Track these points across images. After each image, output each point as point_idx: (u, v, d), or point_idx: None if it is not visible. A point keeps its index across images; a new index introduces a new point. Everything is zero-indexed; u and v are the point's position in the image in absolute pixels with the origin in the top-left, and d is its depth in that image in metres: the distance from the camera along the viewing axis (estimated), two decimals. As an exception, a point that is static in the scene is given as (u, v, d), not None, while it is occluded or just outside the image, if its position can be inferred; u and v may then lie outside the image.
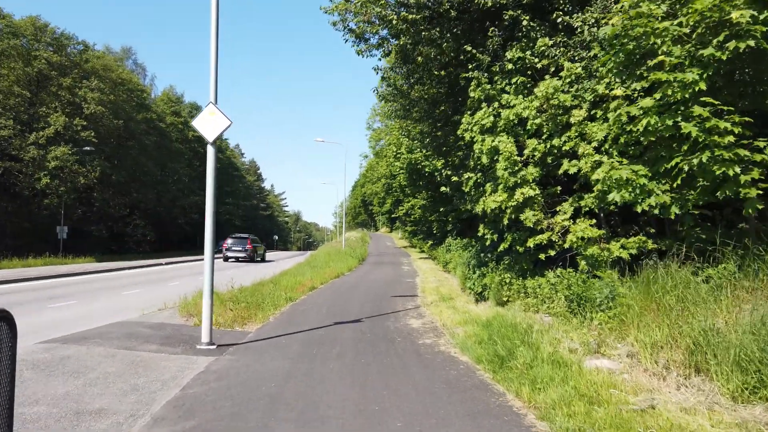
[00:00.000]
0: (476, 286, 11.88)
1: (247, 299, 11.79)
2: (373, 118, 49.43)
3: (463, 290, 15.02)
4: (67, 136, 37.25)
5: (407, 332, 8.74)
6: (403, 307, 12.15)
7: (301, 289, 15.63)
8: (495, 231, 10.04)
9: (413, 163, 23.81)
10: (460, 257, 21.41)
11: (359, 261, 30.82)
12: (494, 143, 8.58)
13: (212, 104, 7.74)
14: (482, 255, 12.10)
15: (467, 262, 13.21)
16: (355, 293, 15.25)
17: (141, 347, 7.29)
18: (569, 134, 8.18)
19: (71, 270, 22.49)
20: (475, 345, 7.09)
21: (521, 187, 8.37)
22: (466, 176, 10.05)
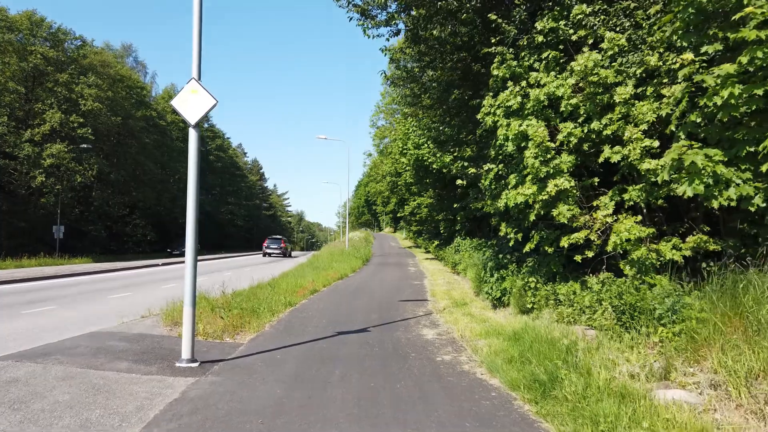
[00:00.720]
0: (494, 290, 10.72)
1: (242, 305, 10.68)
2: (377, 115, 48.30)
3: (477, 294, 13.86)
4: (64, 133, 36.28)
5: (421, 345, 7.59)
6: (413, 313, 11.00)
7: (302, 292, 14.51)
8: (518, 229, 8.87)
9: (420, 159, 22.67)
10: (470, 258, 20.25)
11: (363, 262, 29.69)
12: (522, 128, 7.42)
13: (194, 80, 6.62)
14: (501, 256, 10.94)
15: (483, 264, 12.06)
16: (360, 297, 14.12)
17: (109, 366, 6.17)
18: (611, 116, 7.02)
19: (59, 271, 21.45)
20: (504, 364, 5.94)
21: (554, 178, 7.20)
22: (486, 167, 8.90)
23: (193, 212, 6.63)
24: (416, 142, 23.00)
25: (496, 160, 8.95)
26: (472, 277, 16.83)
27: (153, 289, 16.11)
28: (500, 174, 8.88)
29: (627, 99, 6.68)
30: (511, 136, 7.58)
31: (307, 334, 8.69)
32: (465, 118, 10.93)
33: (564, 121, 7.48)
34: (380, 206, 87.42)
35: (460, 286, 17.08)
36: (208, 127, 73.58)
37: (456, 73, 10.00)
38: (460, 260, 21.41)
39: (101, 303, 12.85)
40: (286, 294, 13.62)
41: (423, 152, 22.54)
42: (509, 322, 8.75)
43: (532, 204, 7.69)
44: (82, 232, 41.93)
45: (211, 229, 70.90)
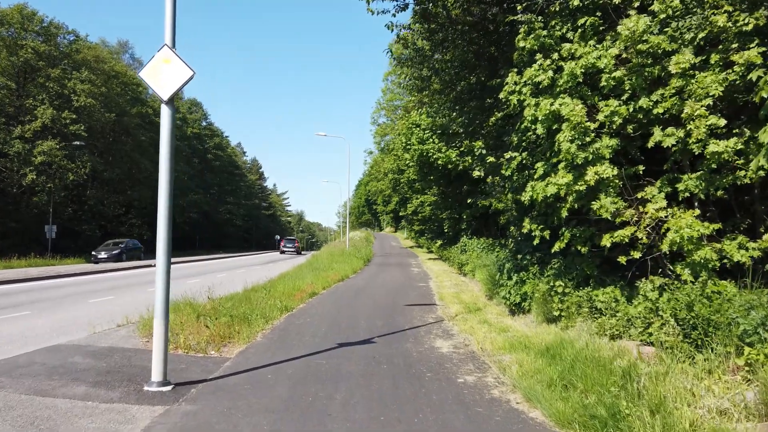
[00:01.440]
0: (513, 295, 9.63)
1: (232, 311, 9.58)
2: (378, 112, 47.20)
3: (490, 298, 12.76)
4: (55, 130, 35.22)
5: (437, 361, 6.49)
6: (423, 320, 9.91)
7: (300, 296, 13.42)
8: (545, 226, 7.78)
9: (425, 155, 21.59)
10: (478, 258, 19.17)
11: (364, 262, 28.60)
12: (554, 107, 6.33)
13: (167, 48, 5.53)
14: (520, 257, 9.85)
15: (498, 266, 10.96)
16: (362, 301, 13.02)
17: (62, 390, 5.08)
18: (663, 91, 5.93)
19: (46, 273, 20.35)
20: (544, 389, 4.85)
21: (594, 165, 6.11)
22: (508, 156, 7.80)
23: (166, 206, 5.55)
24: (420, 137, 21.94)
25: (519, 148, 7.86)
26: (482, 279, 15.74)
27: (140, 292, 15.01)
28: (524, 163, 7.79)
29: (686, 69, 5.59)
30: (540, 117, 6.49)
31: (303, 345, 7.60)
32: (478, 106, 9.83)
33: (604, 99, 6.38)
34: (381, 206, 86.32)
35: (469, 288, 15.98)
36: (206, 125, 72.52)
37: (470, 51, 8.90)
38: (467, 261, 20.33)
39: (80, 308, 11.76)
40: (282, 298, 12.55)
41: (428, 147, 21.47)
42: (536, 333, 7.65)
43: (564, 196, 6.60)
44: (75, 232, 40.85)
45: (208, 228, 69.76)
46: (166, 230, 5.49)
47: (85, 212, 41.55)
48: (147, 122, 48.40)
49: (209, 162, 68.96)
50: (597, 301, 6.85)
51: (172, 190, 5.57)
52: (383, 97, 46.49)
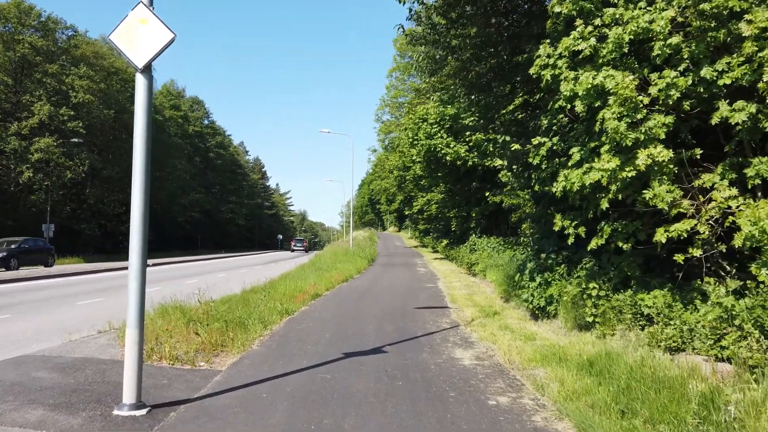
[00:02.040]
0: (536, 298, 8.72)
1: (227, 315, 8.71)
2: (382, 109, 46.28)
3: (506, 300, 11.85)
4: (53, 127, 34.48)
5: (460, 377, 5.59)
6: (437, 325, 9.01)
7: (302, 297, 12.54)
8: (579, 221, 6.87)
9: (432, 150, 20.69)
10: (490, 258, 18.27)
11: (368, 262, 27.72)
12: (597, 80, 5.42)
13: (143, 5, 4.65)
14: (544, 256, 8.93)
15: (519, 265, 10.05)
16: (369, 304, 12.13)
17: (12, 416, 4.21)
18: (730, 59, 5.02)
19: (37, 272, 19.53)
20: (601, 417, 3.94)
21: (647, 147, 5.20)
22: (536, 141, 6.89)
23: (142, 197, 4.68)
24: (428, 132, 21.03)
25: (549, 132, 6.95)
26: (495, 279, 14.84)
27: (132, 294, 14.14)
28: (554, 150, 6.88)
29: (763, 30, 4.68)
30: (580, 92, 5.57)
31: (305, 355, 6.72)
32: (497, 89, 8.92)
33: (656, 71, 5.46)
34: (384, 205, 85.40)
35: (482, 289, 15.07)
36: (208, 123, 71.80)
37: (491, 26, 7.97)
38: (476, 260, 19.43)
39: (65, 311, 10.91)
40: (283, 300, 11.68)
41: (436, 142, 20.56)
42: (569, 342, 6.74)
43: (606, 185, 5.68)
44: (74, 231, 40.15)
45: (210, 228, 69.04)
46: (141, 225, 4.61)
47: (84, 211, 40.84)
48: (147, 120, 47.67)
49: (211, 161, 68.25)
50: (643, 306, 5.94)
51: (149, 176, 4.69)
52: (387, 94, 45.63)
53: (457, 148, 20.03)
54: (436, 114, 20.76)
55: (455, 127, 20.72)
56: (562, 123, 6.76)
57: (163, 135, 51.34)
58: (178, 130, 59.37)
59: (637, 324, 6.06)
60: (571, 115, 6.67)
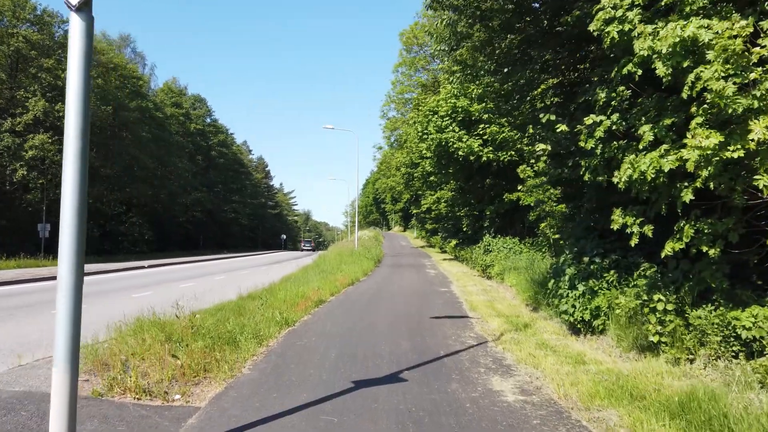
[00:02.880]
0: (578, 309, 7.40)
1: (216, 329, 7.45)
2: (387, 105, 44.89)
3: (534, 309, 10.52)
4: (48, 123, 33.37)
5: (507, 422, 4.29)
6: (460, 341, 7.71)
7: (304, 305, 11.28)
8: (645, 218, 5.55)
9: (443, 144, 19.37)
10: (506, 259, 16.95)
11: (375, 263, 26.44)
12: (688, 32, 4.10)
13: None
14: (587, 259, 7.61)
15: (554, 269, 8.71)
16: (379, 312, 10.85)
17: None
18: None
19: (22, 275, 18.37)
20: None
21: (758, 117, 3.88)
22: (590, 120, 5.58)
23: (77, 178, 3.37)
24: (438, 125, 19.70)
25: (607, 108, 5.63)
26: (516, 284, 13.53)
27: (116, 300, 12.93)
28: (614, 130, 5.55)
29: None
30: (664, 49, 4.26)
31: (306, 384, 5.45)
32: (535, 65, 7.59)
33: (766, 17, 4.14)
34: (389, 204, 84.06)
35: (501, 295, 13.74)
36: (211, 122, 70.68)
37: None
38: (492, 262, 18.11)
39: (32, 321, 9.68)
40: (282, 308, 10.43)
41: (447, 136, 19.23)
42: (635, 370, 5.42)
43: (694, 171, 4.37)
44: (72, 231, 39.06)
45: (213, 228, 67.89)
46: (75, 221, 3.33)
47: (82, 210, 39.69)
48: (148, 117, 46.61)
49: (213, 159, 67.15)
50: (739, 327, 4.61)
51: (86, 151, 3.39)
52: (393, 90, 44.25)
53: (470, 142, 18.70)
54: (447, 106, 19.44)
55: (468, 120, 19.38)
56: (623, 97, 5.45)
57: (165, 133, 50.25)
58: (180, 128, 58.30)
59: (729, 350, 4.73)
60: (636, 87, 5.34)
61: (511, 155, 18.47)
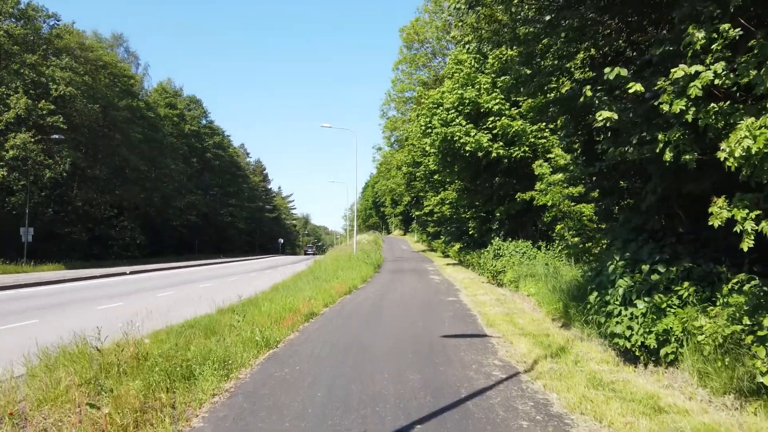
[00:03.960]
0: (637, 332, 5.72)
1: (170, 359, 5.78)
2: (387, 104, 43.27)
3: (563, 325, 8.84)
4: (31, 122, 31.72)
5: None
6: (484, 371, 6.04)
7: (291, 320, 9.61)
8: (761, 210, 3.88)
9: (449, 139, 17.73)
10: (521, 265, 15.28)
11: (374, 268, 24.77)
12: None
13: None
14: (646, 267, 5.93)
15: (598, 279, 7.00)
16: (379, 329, 9.17)
17: None
18: None
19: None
20: None
21: None
22: (680, 73, 3.87)
23: None
24: (444, 118, 18.06)
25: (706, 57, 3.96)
26: (535, 293, 11.87)
27: (76, 313, 11.24)
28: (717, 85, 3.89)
29: None
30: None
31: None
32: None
33: None
34: (389, 207, 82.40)
35: (518, 306, 12.05)
36: (206, 123, 69.07)
37: None
38: (503, 268, 16.42)
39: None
40: (265, 324, 8.78)
41: (453, 130, 17.57)
42: (749, 429, 3.73)
43: None
44: (58, 236, 37.31)
45: (209, 232, 66.11)
46: None
47: (69, 214, 38.00)
48: (139, 117, 45.02)
49: (209, 161, 65.50)
50: None
51: None
52: (393, 88, 42.65)
53: (479, 136, 17.04)
54: (453, 97, 17.82)
55: (476, 113, 17.73)
56: (730, 38, 3.82)
57: (157, 134, 48.62)
58: (174, 130, 56.69)
59: None
60: (748, 23, 3.69)
61: (524, 151, 16.82)
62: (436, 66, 40.51)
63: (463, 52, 18.55)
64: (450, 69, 18.98)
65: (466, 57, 18.26)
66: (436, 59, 41.18)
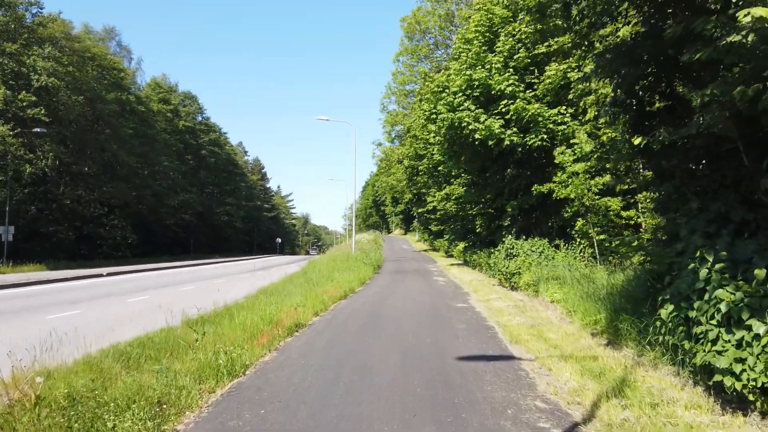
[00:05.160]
0: (754, 367, 3.88)
1: (77, 405, 3.98)
2: (388, 97, 41.45)
3: (610, 343, 7.01)
4: (10, 113, 29.92)
5: None
6: (524, 420, 4.25)
7: (270, 334, 7.81)
8: None
9: (457, 125, 15.92)
10: (540, 266, 13.47)
11: (374, 269, 22.98)
12: None
13: None
14: (763, 275, 4.09)
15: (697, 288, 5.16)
16: (378, 346, 7.37)
17: None
18: None
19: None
20: None
21: None
22: None
23: None
24: (450, 102, 16.24)
25: None
26: (562, 300, 10.05)
27: (27, 321, 9.43)
28: None
29: None
30: None
31: None
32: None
33: None
34: (389, 206, 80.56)
35: (543, 315, 10.23)
36: (202, 120, 67.27)
37: None
38: (517, 269, 14.60)
39: None
40: (237, 340, 7.01)
41: (461, 116, 15.75)
42: None
43: None
44: (43, 235, 35.50)
45: (205, 231, 64.26)
46: None
47: (54, 211, 36.18)
48: (128, 110, 43.21)
49: (204, 158, 63.71)
50: None
51: None
52: (394, 81, 40.79)
53: (490, 122, 15.21)
54: (460, 80, 15.99)
55: (487, 96, 15.89)
56: None
57: (150, 129, 46.84)
58: (168, 126, 54.90)
59: None
60: None
61: (541, 139, 14.99)
62: (439, 57, 38.71)
63: (471, 30, 16.72)
64: (456, 50, 17.14)
65: (474, 35, 16.42)
66: (438, 50, 39.38)
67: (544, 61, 15.75)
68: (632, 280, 7.45)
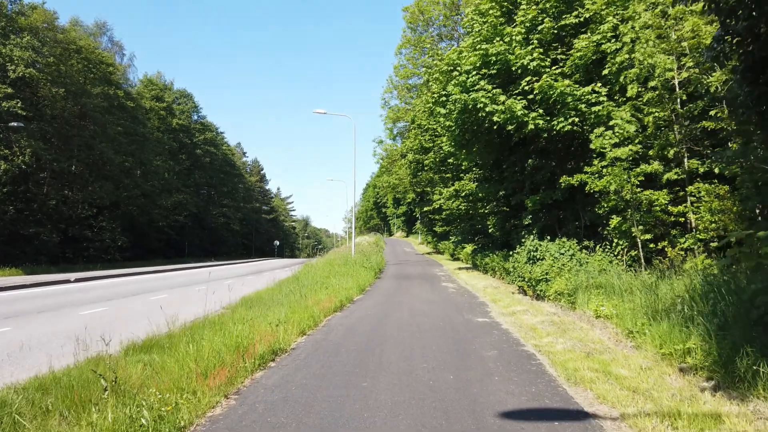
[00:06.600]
0: None
1: None
2: (389, 92, 39.36)
3: (716, 387, 4.79)
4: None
5: None
6: None
7: (236, 367, 5.62)
8: None
9: (471, 108, 13.75)
10: (571, 272, 11.28)
11: (375, 274, 20.80)
12: None
13: None
14: None
15: None
16: (381, 395, 5.18)
17: None
18: None
19: None
20: None
21: None
22: None
23: None
24: (463, 82, 14.07)
25: None
26: (616, 316, 7.85)
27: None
28: None
29: None
30: None
31: None
32: None
33: None
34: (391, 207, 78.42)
35: (589, 335, 8.00)
36: (198, 119, 65.21)
37: None
38: (544, 275, 12.37)
39: None
40: (185, 378, 4.84)
41: (477, 96, 13.56)
42: None
43: None
44: (23, 237, 33.34)
45: (200, 233, 62.03)
46: None
47: (35, 212, 34.03)
48: (116, 106, 41.09)
49: (199, 158, 61.58)
50: None
51: None
52: (396, 74, 38.70)
53: (511, 102, 13.03)
54: (474, 57, 13.83)
55: (506, 74, 13.71)
56: None
57: (141, 127, 44.71)
58: (161, 124, 52.84)
59: None
60: None
61: (572, 122, 12.80)
62: (444, 50, 36.59)
63: (485, 1, 14.55)
64: (469, 22, 14.96)
65: (489, 5, 14.25)
66: (443, 42, 37.27)
67: (572, 34, 13.57)
68: (757, 292, 5.23)
